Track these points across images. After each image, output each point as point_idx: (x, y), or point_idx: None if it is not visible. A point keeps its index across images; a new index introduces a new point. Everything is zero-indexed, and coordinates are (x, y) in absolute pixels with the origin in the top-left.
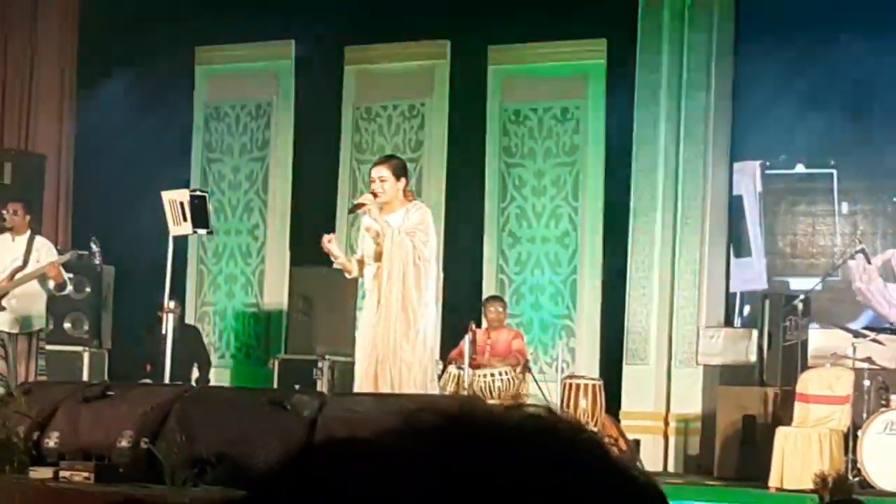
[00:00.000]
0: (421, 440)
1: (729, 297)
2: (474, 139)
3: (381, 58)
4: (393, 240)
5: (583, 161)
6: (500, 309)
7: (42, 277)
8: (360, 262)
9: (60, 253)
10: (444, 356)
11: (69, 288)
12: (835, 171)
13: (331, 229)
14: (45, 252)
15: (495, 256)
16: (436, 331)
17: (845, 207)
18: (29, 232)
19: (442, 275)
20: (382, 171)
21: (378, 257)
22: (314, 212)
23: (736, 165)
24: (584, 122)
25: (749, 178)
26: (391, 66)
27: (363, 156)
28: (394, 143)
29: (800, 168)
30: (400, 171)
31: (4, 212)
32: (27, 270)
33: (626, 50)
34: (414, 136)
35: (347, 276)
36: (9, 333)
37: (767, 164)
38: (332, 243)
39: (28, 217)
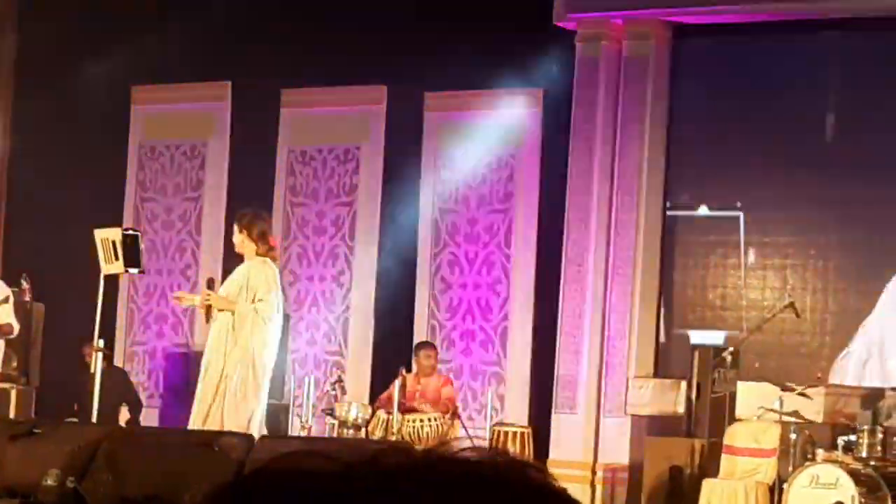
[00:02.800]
0: (389, 478)
1: (659, 348)
2: (408, 181)
3: (318, 101)
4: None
5: (517, 209)
6: (432, 355)
7: None
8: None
9: (16, 293)
10: (373, 400)
11: (16, 331)
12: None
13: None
14: (4, 294)
15: (427, 301)
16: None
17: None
18: None
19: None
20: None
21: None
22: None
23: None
24: (519, 171)
25: None
26: (327, 110)
27: (297, 198)
28: (327, 186)
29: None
30: (243, 225)
31: None
32: None
33: (560, 100)
34: (349, 180)
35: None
36: None
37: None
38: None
39: None
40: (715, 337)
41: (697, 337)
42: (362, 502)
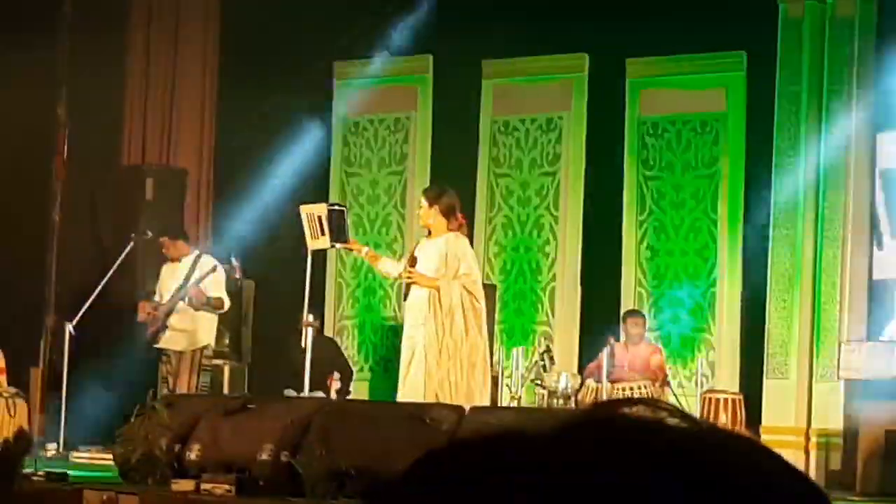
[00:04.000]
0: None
1: (872, 310)
2: (612, 152)
3: (520, 71)
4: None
5: (722, 173)
6: (640, 323)
7: (189, 299)
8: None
9: (226, 270)
10: (582, 370)
11: (226, 306)
12: None
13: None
14: (207, 269)
15: (633, 269)
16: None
17: None
18: (195, 253)
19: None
20: (421, 199)
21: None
22: None
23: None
24: (724, 135)
25: None
26: (529, 80)
27: (500, 169)
28: (531, 156)
29: None
30: (433, 199)
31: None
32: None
33: (764, 62)
34: (552, 150)
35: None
36: (175, 351)
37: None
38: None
39: (180, 241)
40: None
41: None
42: (577, 470)
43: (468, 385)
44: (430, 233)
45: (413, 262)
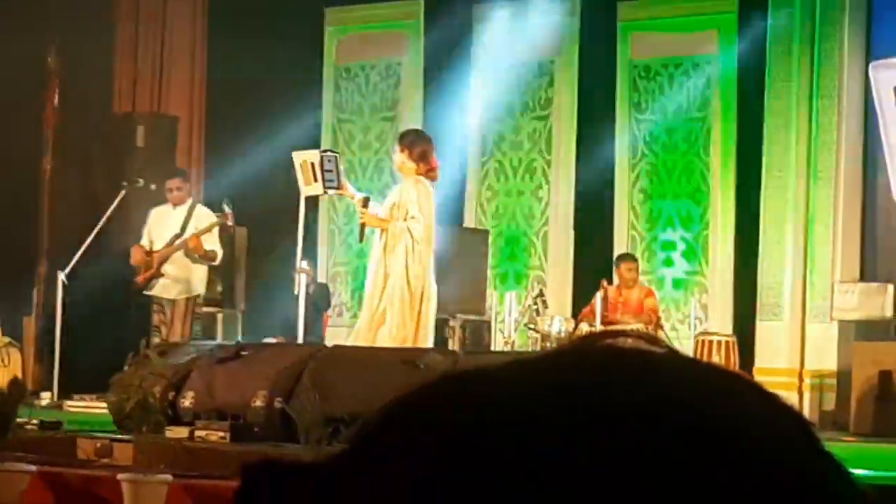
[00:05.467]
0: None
1: (865, 251)
2: (604, 96)
3: (510, 16)
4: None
5: (715, 117)
6: (633, 267)
7: (187, 249)
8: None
9: (219, 217)
10: (576, 314)
11: (219, 258)
12: None
13: (462, 188)
14: (204, 220)
15: (626, 213)
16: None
17: None
18: (190, 201)
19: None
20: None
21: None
22: (446, 170)
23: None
24: (716, 80)
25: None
26: (518, 24)
27: (492, 114)
28: (522, 101)
29: None
30: (406, 144)
31: (166, 188)
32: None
33: (756, 3)
34: (543, 94)
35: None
36: (167, 299)
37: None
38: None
39: (187, 185)
40: None
41: None
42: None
43: (404, 329)
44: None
45: (365, 202)
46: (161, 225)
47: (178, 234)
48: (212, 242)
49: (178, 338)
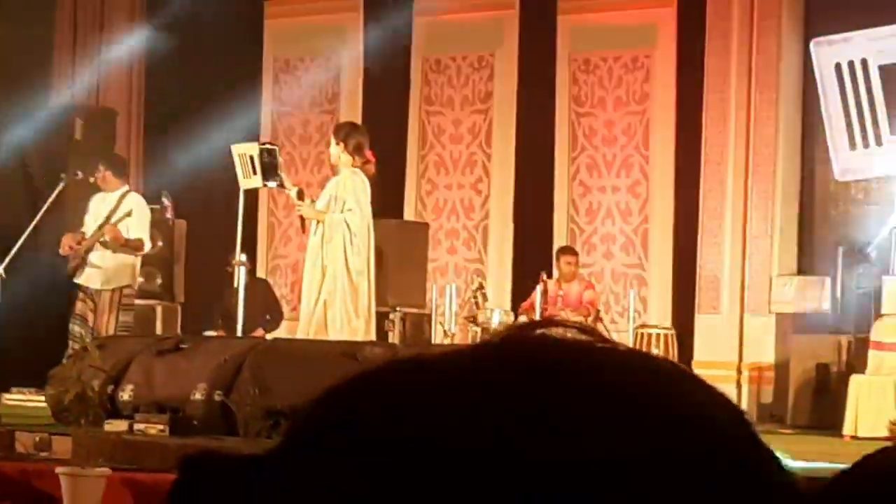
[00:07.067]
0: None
1: (802, 244)
2: (543, 89)
3: (451, 9)
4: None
5: (653, 110)
6: (572, 260)
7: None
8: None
9: (158, 210)
10: (516, 307)
11: (147, 248)
12: None
13: (402, 181)
14: (136, 209)
15: (566, 206)
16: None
17: None
18: (123, 189)
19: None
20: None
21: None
22: (383, 164)
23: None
24: (654, 72)
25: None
26: (459, 17)
27: (432, 107)
28: (462, 94)
29: None
30: (341, 137)
31: (93, 175)
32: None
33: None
34: (483, 88)
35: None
36: (95, 290)
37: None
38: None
39: (108, 173)
40: (854, 231)
41: (839, 232)
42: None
43: (350, 325)
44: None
45: (301, 195)
46: (94, 213)
47: (102, 224)
48: (138, 231)
49: (104, 330)
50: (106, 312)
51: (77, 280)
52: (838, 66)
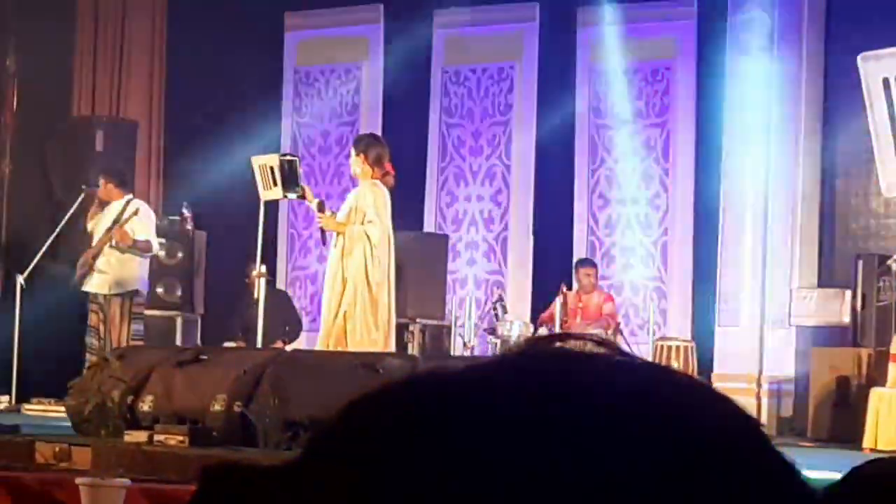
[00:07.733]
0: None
1: (823, 257)
2: (563, 101)
3: (471, 21)
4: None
5: (674, 122)
6: (591, 272)
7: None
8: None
9: (179, 221)
10: (535, 318)
11: (155, 249)
12: None
13: (422, 193)
14: (142, 209)
15: (586, 218)
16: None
17: None
18: (128, 197)
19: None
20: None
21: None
22: (403, 176)
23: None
24: (675, 84)
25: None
26: (480, 30)
27: (452, 119)
28: (482, 106)
29: None
30: (361, 148)
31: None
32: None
33: (715, 8)
34: (503, 100)
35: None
36: (104, 296)
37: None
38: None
39: (109, 185)
40: (879, 245)
41: (859, 245)
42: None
43: (370, 336)
44: None
45: (321, 207)
46: (102, 222)
47: (108, 229)
48: (144, 232)
49: (116, 338)
50: (117, 322)
51: (85, 288)
52: (886, 81)
